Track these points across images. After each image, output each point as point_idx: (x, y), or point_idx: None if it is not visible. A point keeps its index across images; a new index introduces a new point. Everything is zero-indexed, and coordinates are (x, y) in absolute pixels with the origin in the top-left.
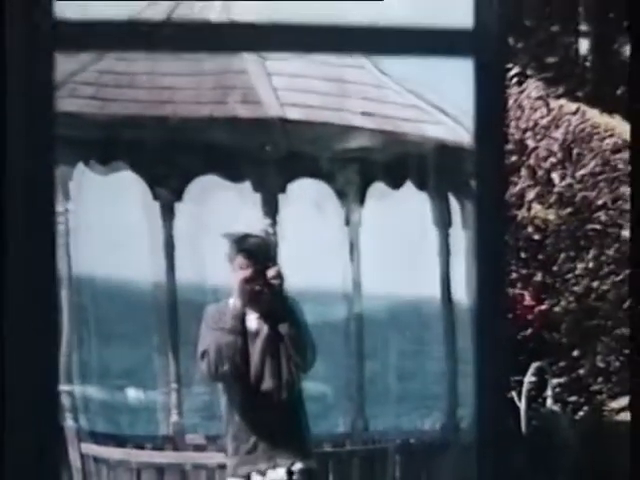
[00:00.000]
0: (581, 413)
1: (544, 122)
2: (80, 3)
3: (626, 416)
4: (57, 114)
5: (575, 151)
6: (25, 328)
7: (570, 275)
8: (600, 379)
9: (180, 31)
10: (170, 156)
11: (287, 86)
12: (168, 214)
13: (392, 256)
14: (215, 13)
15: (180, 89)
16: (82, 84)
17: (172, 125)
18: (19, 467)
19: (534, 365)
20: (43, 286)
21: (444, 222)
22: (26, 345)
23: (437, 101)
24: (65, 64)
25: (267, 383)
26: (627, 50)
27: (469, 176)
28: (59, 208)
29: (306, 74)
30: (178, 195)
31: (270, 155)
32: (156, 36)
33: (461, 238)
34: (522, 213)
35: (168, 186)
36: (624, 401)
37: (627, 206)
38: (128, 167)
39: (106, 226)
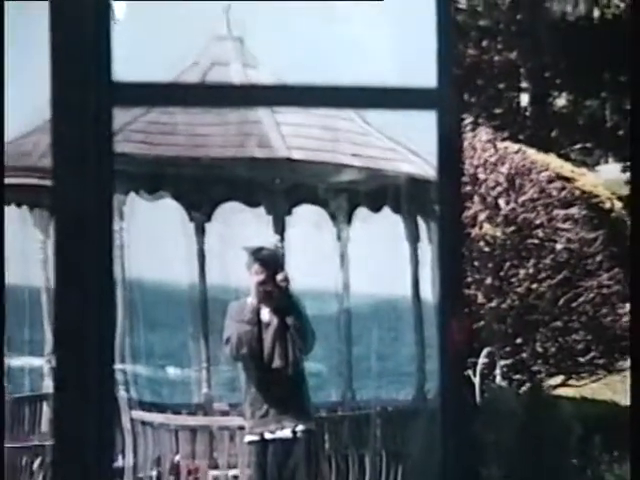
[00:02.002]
0: (524, 388)
1: (492, 159)
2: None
3: (560, 391)
4: (115, 155)
5: (517, 182)
6: (88, 319)
7: (514, 279)
8: (539, 361)
9: (210, 90)
10: (202, 187)
11: (292, 133)
12: (200, 232)
13: (373, 264)
14: (237, 76)
15: (210, 136)
16: (134, 132)
17: (204, 163)
18: (81, 430)
19: (486, 350)
20: (103, 286)
21: (414, 238)
22: (88, 332)
23: (408, 144)
24: (121, 116)
25: (276, 362)
26: (559, 102)
27: (433, 202)
28: (116, 227)
29: (307, 124)
30: (208, 217)
31: (279, 186)
32: (192, 94)
33: (427, 251)
34: (475, 231)
35: (200, 210)
36: (559, 379)
37: (560, 225)
38: (169, 196)
39: (152, 240)
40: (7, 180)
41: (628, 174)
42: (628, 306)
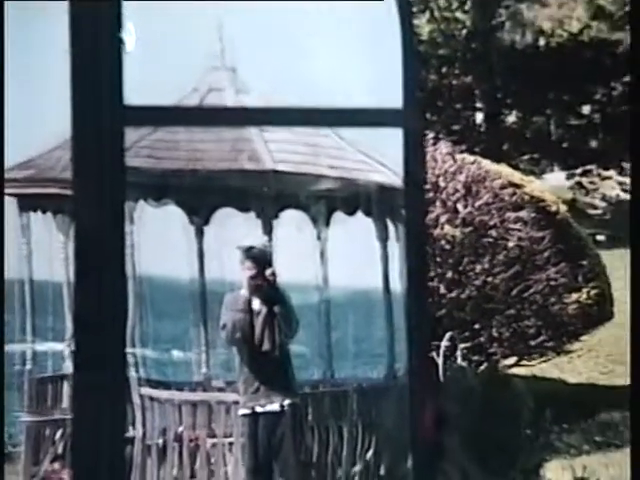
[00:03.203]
0: (481, 368)
1: (451, 169)
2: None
3: (514, 370)
4: (126, 168)
5: (473, 188)
6: (103, 309)
7: (471, 273)
8: (495, 344)
9: (208, 113)
10: (201, 195)
11: (278, 149)
12: (199, 234)
13: (349, 260)
14: (230, 100)
15: (207, 151)
16: (142, 148)
17: (202, 175)
18: (97, 405)
19: (448, 334)
20: (116, 281)
21: (384, 238)
22: (103, 321)
23: (378, 157)
24: (131, 135)
25: (266, 346)
26: (510, 119)
27: (400, 207)
28: (127, 229)
29: (291, 141)
30: (206, 221)
31: (267, 194)
32: (192, 116)
33: (395, 248)
34: (437, 231)
35: (199, 215)
36: (512, 360)
37: (511, 225)
38: (173, 203)
39: (158, 241)
40: (34, 190)
41: (571, 181)
42: (574, 296)
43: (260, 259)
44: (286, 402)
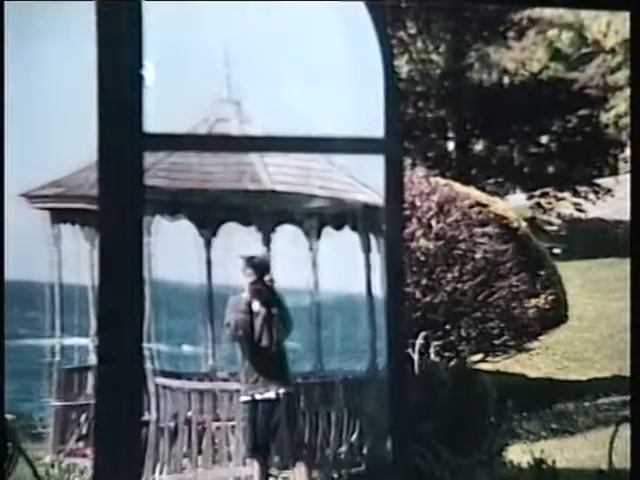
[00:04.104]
0: (452, 363)
1: (426, 191)
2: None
3: (480, 366)
4: (145, 187)
5: (445, 207)
6: (123, 309)
7: (443, 280)
8: (463, 343)
9: (216, 140)
10: (209, 211)
11: (276, 172)
12: (207, 245)
13: (337, 269)
14: (235, 130)
15: (215, 173)
16: (159, 170)
17: (210, 194)
18: (117, 392)
19: (422, 333)
20: (134, 285)
21: (367, 249)
22: (123, 319)
23: (362, 179)
24: (150, 158)
25: (264, 342)
26: (477, 147)
27: (381, 223)
28: (144, 240)
29: (287, 165)
30: (213, 234)
31: (266, 211)
32: (202, 143)
33: (377, 259)
34: (413, 244)
35: (207, 229)
36: (479, 356)
37: (478, 239)
38: (185, 217)
39: (171, 251)
40: (64, 205)
41: (531, 201)
42: (533, 301)
43: (260, 267)
44: (281, 391)
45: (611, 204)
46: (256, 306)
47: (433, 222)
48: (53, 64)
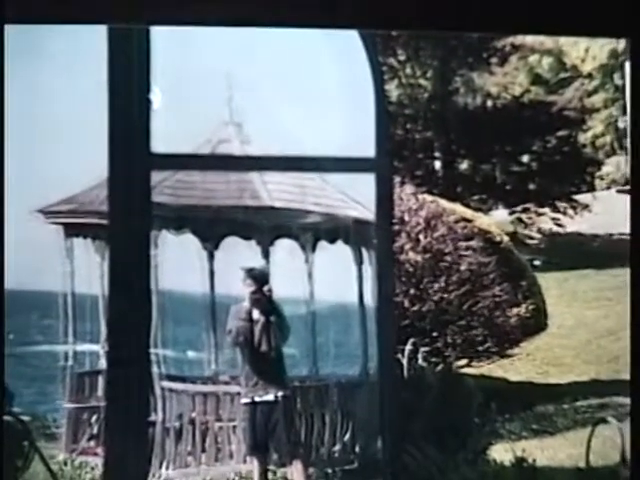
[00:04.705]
0: (438, 368)
1: (414, 207)
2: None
3: (465, 370)
4: (152, 203)
5: (432, 222)
6: (132, 317)
7: (430, 291)
8: (449, 349)
9: (218, 160)
10: (212, 226)
11: (274, 189)
12: (210, 257)
13: (331, 280)
14: (236, 150)
15: (217, 190)
16: (166, 187)
17: (213, 210)
18: (126, 394)
19: (410, 340)
20: (142, 294)
21: (359, 261)
22: (132, 326)
23: (354, 196)
24: (157, 176)
25: (263, 348)
26: (462, 166)
27: (372, 237)
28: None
29: (284, 182)
30: (216, 246)
31: (265, 226)
32: (206, 162)
33: (368, 270)
34: (402, 257)
35: (210, 242)
36: (464, 362)
37: (463, 252)
38: (190, 232)
39: (176, 263)
40: (77, 220)
41: (513, 216)
42: (514, 310)
43: (259, 278)
44: (279, 393)
45: (588, 219)
46: (256, 314)
47: (421, 236)
48: (67, 88)
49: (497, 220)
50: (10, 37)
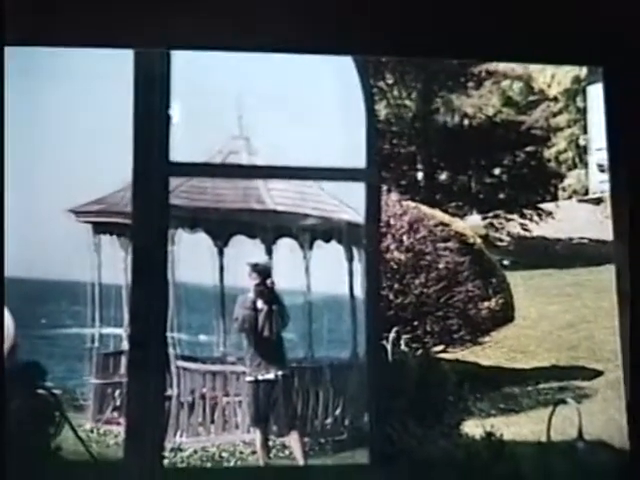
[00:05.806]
0: (418, 353)
1: (399, 212)
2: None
3: (442, 355)
4: (170, 205)
5: (414, 226)
6: (151, 305)
7: (412, 285)
8: (428, 336)
9: (229, 169)
10: (222, 226)
11: (278, 195)
12: (220, 253)
13: (325, 274)
14: (244, 160)
15: (227, 195)
16: (182, 191)
17: (223, 212)
18: (145, 372)
19: (394, 328)
20: (161, 285)
21: (350, 259)
22: (151, 313)
23: (347, 202)
24: (174, 182)
25: (265, 333)
26: (442, 177)
27: (362, 237)
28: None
29: (286, 189)
30: (225, 244)
31: (268, 226)
32: (218, 171)
33: (358, 267)
34: (388, 255)
35: (220, 240)
36: (441, 348)
37: (441, 252)
38: (202, 231)
39: (191, 258)
40: (104, 219)
41: (485, 221)
42: (485, 304)
43: (263, 272)
44: (279, 373)
45: (552, 225)
46: (260, 304)
47: (404, 238)
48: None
49: (471, 224)
50: (45, 59)
